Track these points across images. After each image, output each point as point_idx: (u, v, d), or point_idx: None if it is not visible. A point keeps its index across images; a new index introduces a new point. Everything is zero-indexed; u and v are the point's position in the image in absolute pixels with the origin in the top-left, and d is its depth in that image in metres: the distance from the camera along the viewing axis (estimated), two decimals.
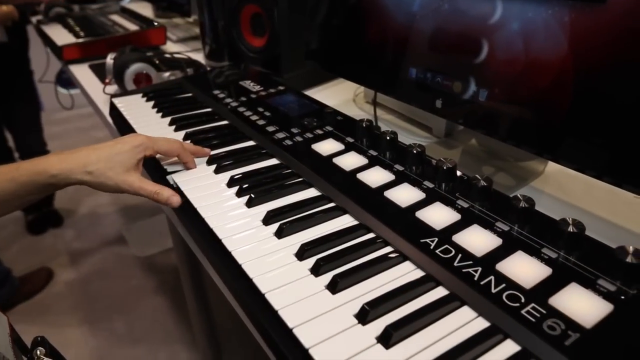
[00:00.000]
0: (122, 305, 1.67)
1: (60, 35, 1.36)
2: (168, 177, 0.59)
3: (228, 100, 0.78)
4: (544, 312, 0.35)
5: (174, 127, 0.72)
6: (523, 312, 0.35)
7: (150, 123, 0.75)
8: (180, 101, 0.82)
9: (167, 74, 0.96)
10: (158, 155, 0.62)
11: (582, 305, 0.35)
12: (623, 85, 0.41)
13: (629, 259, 0.36)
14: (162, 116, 0.76)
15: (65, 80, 2.16)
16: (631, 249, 0.37)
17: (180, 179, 0.58)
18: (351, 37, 0.69)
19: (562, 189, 0.60)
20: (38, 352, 0.45)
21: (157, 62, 0.96)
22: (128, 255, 1.90)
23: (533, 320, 0.35)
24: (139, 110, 0.80)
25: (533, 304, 0.36)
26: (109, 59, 0.94)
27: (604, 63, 0.42)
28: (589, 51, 0.43)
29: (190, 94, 0.84)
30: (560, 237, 0.40)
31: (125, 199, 2.22)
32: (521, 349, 0.34)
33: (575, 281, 0.37)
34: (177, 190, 0.57)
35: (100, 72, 1.10)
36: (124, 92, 0.90)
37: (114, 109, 0.82)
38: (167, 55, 1.05)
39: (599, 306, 0.35)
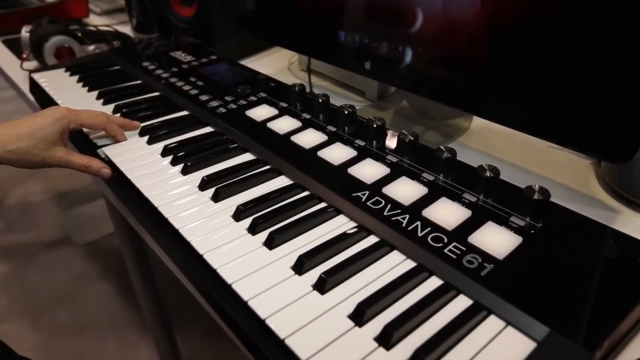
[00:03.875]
0: (65, 295, 1.60)
1: None
2: (99, 150, 0.58)
3: (159, 71, 0.76)
4: (464, 249, 0.38)
5: (102, 100, 0.69)
6: (446, 251, 0.38)
7: (76, 98, 0.71)
8: (107, 74, 0.79)
9: (91, 47, 0.92)
10: (86, 130, 0.60)
11: (497, 240, 0.39)
12: (534, 42, 0.44)
13: (535, 197, 0.40)
14: (89, 90, 0.73)
15: None
16: (537, 187, 0.41)
17: (112, 151, 0.56)
18: (281, 4, 0.69)
19: (485, 143, 0.65)
20: None
21: (79, 35, 0.91)
22: (67, 243, 1.82)
23: (454, 257, 0.38)
24: (63, 85, 0.76)
25: (454, 243, 0.39)
26: (24, 32, 0.88)
27: (516, 22, 0.45)
28: (501, 11, 0.46)
29: (118, 67, 0.81)
30: (478, 182, 0.44)
31: (59, 186, 2.10)
32: (444, 282, 0.37)
33: (491, 220, 0.41)
34: (109, 163, 0.55)
35: (15, 47, 1.02)
36: (44, 67, 0.85)
37: (34, 86, 0.78)
38: (92, 28, 1.00)
39: (510, 240, 0.39)
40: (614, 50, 0.39)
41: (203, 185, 0.49)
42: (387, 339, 0.32)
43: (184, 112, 0.65)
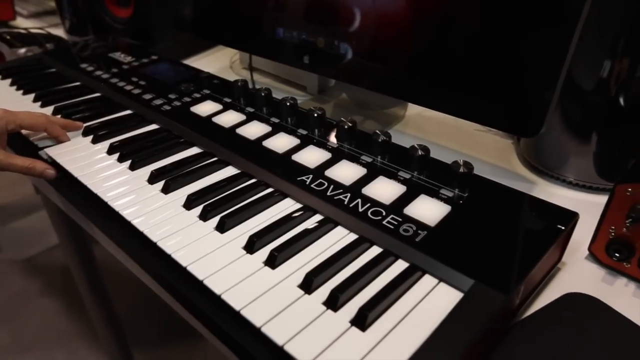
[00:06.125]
0: (3, 314, 1.52)
1: None
2: (40, 152, 0.57)
3: (98, 72, 0.75)
4: (400, 219, 0.42)
5: (40, 102, 0.68)
6: (384, 222, 0.42)
7: (10, 101, 0.70)
8: (43, 77, 0.77)
9: (22, 50, 0.89)
10: (25, 132, 0.59)
11: (429, 210, 0.43)
12: (454, 34, 0.49)
13: (461, 170, 0.45)
14: (24, 93, 0.71)
15: None
16: (462, 161, 0.46)
17: (55, 152, 0.56)
18: (220, 2, 0.70)
19: (420, 129, 0.70)
20: None
21: (8, 37, 0.88)
22: (2, 260, 1.72)
23: (392, 227, 0.42)
24: None
25: (392, 215, 0.43)
26: None
27: (438, 15, 0.50)
28: (423, 7, 0.50)
29: (54, 70, 0.80)
30: (411, 161, 0.48)
31: None
32: (383, 250, 0.41)
33: (424, 193, 0.45)
34: (53, 164, 0.55)
35: None
36: None
37: None
38: (21, 31, 0.96)
39: (440, 209, 0.43)
40: (518, 41, 0.44)
41: (152, 179, 0.50)
42: (334, 302, 0.35)
43: (128, 111, 0.65)
